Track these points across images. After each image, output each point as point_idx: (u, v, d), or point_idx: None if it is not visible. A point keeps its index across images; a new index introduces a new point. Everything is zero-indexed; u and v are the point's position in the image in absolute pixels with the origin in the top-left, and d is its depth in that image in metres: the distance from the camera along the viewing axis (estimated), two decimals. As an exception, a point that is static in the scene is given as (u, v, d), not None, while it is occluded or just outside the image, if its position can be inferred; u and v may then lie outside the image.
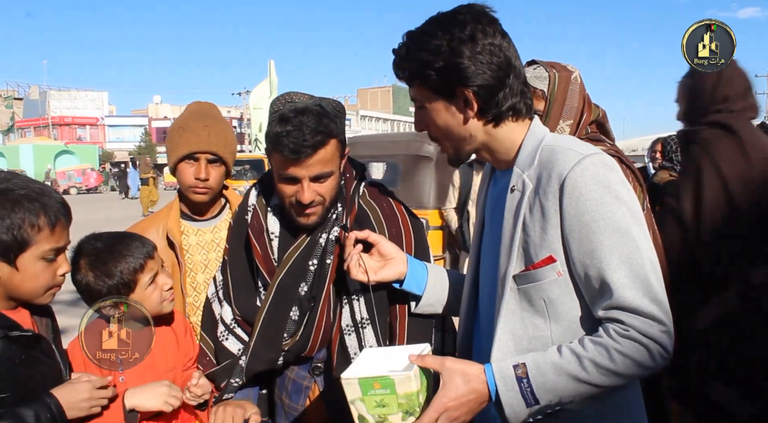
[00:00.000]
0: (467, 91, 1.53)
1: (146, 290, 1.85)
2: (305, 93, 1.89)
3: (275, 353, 1.91)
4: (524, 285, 1.50)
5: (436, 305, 1.87)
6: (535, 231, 1.49)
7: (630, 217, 1.44)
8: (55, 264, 1.69)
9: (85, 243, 1.88)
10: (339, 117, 1.86)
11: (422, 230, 2.00)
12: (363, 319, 1.87)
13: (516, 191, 1.54)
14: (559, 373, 1.42)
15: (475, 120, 1.57)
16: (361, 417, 1.48)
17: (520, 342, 1.52)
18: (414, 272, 1.84)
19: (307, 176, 1.80)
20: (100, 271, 1.82)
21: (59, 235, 1.67)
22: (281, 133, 1.76)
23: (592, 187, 1.43)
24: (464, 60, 1.50)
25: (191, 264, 2.32)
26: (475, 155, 1.66)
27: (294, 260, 1.90)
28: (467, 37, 1.51)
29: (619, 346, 1.40)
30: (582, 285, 1.47)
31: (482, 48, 1.51)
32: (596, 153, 1.48)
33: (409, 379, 1.43)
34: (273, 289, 1.89)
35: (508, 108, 1.56)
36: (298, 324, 1.90)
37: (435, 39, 1.52)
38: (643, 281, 1.41)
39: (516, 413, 1.44)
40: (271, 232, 1.96)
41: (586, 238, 1.43)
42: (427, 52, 1.52)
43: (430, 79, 1.54)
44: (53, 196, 1.68)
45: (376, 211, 1.95)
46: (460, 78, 1.52)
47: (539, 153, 1.53)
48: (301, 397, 1.99)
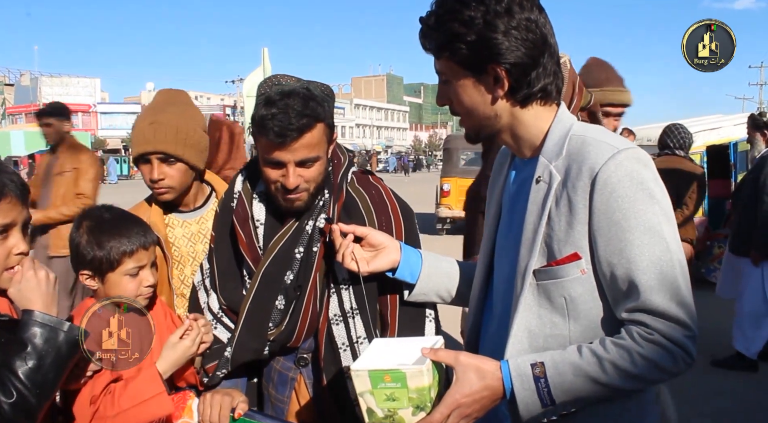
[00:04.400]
0: (499, 69, 1.43)
1: (124, 277, 1.83)
2: (293, 76, 1.84)
3: (260, 343, 1.89)
4: (544, 281, 1.44)
5: (430, 294, 1.83)
6: (561, 226, 1.42)
7: (662, 217, 1.38)
8: (7, 243, 1.57)
9: (96, 209, 1.92)
10: (327, 101, 1.81)
11: (412, 217, 1.97)
12: (352, 308, 1.84)
13: (542, 182, 1.45)
14: (578, 375, 1.37)
15: (503, 100, 1.47)
16: (369, 410, 1.43)
17: (535, 339, 1.46)
18: (407, 260, 1.79)
19: (293, 161, 1.76)
20: (94, 238, 1.82)
21: (6, 212, 1.54)
22: (266, 116, 1.72)
23: (625, 184, 1.36)
24: (498, 35, 1.40)
25: (179, 256, 2.28)
26: (497, 138, 1.57)
27: (280, 248, 1.86)
28: (503, 10, 1.40)
29: (641, 350, 1.36)
30: (606, 284, 1.41)
31: (518, 23, 1.40)
32: (631, 147, 1.41)
33: (421, 373, 1.38)
34: (258, 278, 1.86)
35: (540, 89, 1.46)
36: (283, 313, 1.87)
37: (468, 9, 1.40)
38: (672, 284, 1.36)
39: (530, 413, 1.40)
40: (256, 220, 1.92)
41: (616, 237, 1.37)
42: (460, 24, 1.41)
43: (460, 52, 1.43)
44: (3, 171, 1.56)
45: (365, 199, 1.91)
46: (492, 54, 1.41)
47: (568, 143, 1.45)
48: (287, 389, 1.96)
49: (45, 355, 1.47)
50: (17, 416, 1.43)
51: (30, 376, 1.44)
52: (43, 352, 1.47)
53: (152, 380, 1.74)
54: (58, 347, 1.49)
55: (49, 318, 1.50)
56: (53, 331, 1.49)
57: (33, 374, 1.45)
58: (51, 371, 1.48)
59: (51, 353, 1.48)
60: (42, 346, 1.47)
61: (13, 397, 1.43)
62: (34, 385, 1.45)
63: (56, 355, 1.49)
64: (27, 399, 1.44)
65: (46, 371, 1.47)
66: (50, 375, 1.48)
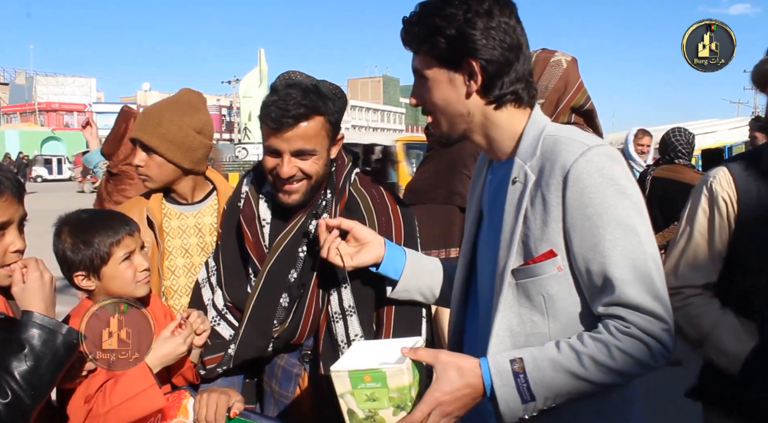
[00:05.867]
0: (474, 63, 1.48)
1: (119, 265, 1.84)
2: (305, 73, 1.91)
3: (265, 340, 1.91)
4: (523, 280, 1.46)
5: (412, 291, 1.83)
6: (536, 224, 1.44)
7: (634, 212, 1.40)
8: (4, 241, 1.61)
9: (72, 213, 1.92)
10: (334, 100, 1.86)
11: (412, 219, 1.99)
12: (350, 306, 1.87)
13: (518, 183, 1.49)
14: (557, 369, 1.38)
15: (477, 97, 1.51)
16: (350, 411, 1.42)
17: (517, 338, 1.48)
18: (391, 256, 1.80)
19: (288, 150, 1.80)
20: (78, 239, 1.83)
21: (2, 210, 1.58)
22: (267, 102, 1.79)
23: (596, 180, 1.38)
24: (477, 32, 1.46)
25: (170, 247, 2.31)
26: (469, 139, 1.60)
27: (284, 247, 1.89)
28: (484, 11, 1.47)
29: (619, 343, 1.37)
30: (582, 280, 1.43)
31: (497, 24, 1.47)
32: (601, 144, 1.44)
33: (401, 371, 1.38)
34: (263, 276, 1.89)
35: (512, 92, 1.51)
36: (287, 311, 1.89)
37: (451, 7, 1.47)
38: (646, 278, 1.38)
39: (511, 409, 1.40)
40: (262, 219, 1.95)
41: (589, 232, 1.39)
42: (441, 18, 1.48)
43: (438, 45, 1.49)
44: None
45: (366, 199, 1.94)
46: (469, 49, 1.47)
47: (541, 143, 1.48)
48: (291, 385, 1.98)
49: (42, 357, 1.48)
50: (11, 416, 1.43)
51: (26, 377, 1.45)
52: (41, 353, 1.48)
53: (141, 374, 1.74)
54: (55, 349, 1.50)
55: (48, 320, 1.52)
56: (52, 333, 1.50)
57: (29, 375, 1.46)
58: (47, 373, 1.49)
59: (48, 355, 1.49)
60: (40, 348, 1.48)
61: (8, 398, 1.43)
62: (30, 387, 1.46)
63: (53, 357, 1.50)
64: (22, 399, 1.44)
65: (42, 373, 1.48)
66: (46, 377, 1.49)
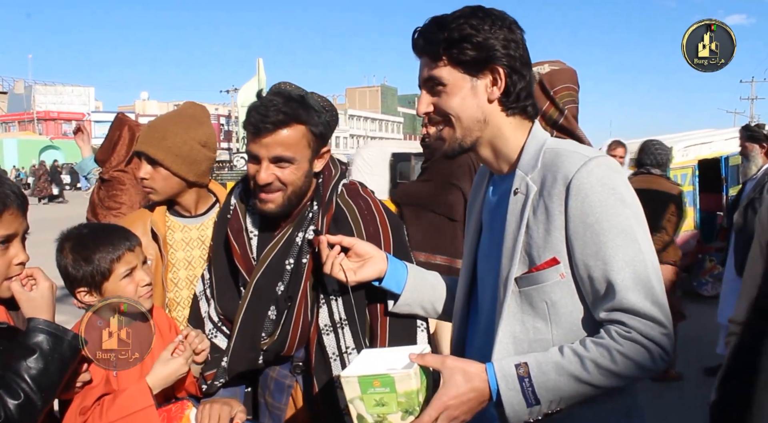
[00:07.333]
0: (500, 68, 1.54)
1: (121, 281, 1.85)
2: (296, 85, 1.92)
3: (254, 352, 1.91)
4: (526, 287, 1.50)
5: (414, 305, 1.86)
6: (539, 233, 1.48)
7: (633, 220, 1.45)
8: (8, 253, 1.65)
9: (74, 229, 1.92)
10: (320, 112, 1.86)
11: (401, 228, 1.99)
12: (341, 319, 1.87)
13: (519, 194, 1.53)
14: (561, 373, 1.42)
15: (496, 104, 1.57)
16: (359, 416, 1.46)
17: (521, 345, 1.51)
18: (394, 270, 1.82)
19: (266, 156, 1.81)
20: (80, 255, 1.84)
21: (8, 223, 1.62)
22: (250, 108, 1.82)
23: (597, 189, 1.44)
24: (499, 42, 1.53)
25: (174, 260, 2.31)
26: (476, 152, 1.63)
27: (271, 259, 1.90)
28: (506, 25, 1.55)
29: (620, 348, 1.41)
30: (584, 287, 1.47)
31: (516, 38, 1.55)
32: (601, 156, 1.50)
33: (409, 376, 1.42)
34: (250, 289, 1.90)
35: (522, 106, 1.58)
36: (275, 323, 1.90)
37: (475, 19, 1.54)
38: (646, 284, 1.42)
39: (516, 413, 1.43)
40: (250, 231, 1.96)
41: (591, 240, 1.44)
42: (469, 26, 1.53)
43: (465, 52, 1.53)
44: (4, 183, 1.63)
45: (353, 210, 1.94)
46: (495, 56, 1.53)
47: (542, 156, 1.54)
48: (284, 396, 1.98)
49: (51, 361, 1.57)
50: (22, 417, 1.51)
51: (36, 380, 1.55)
52: (49, 357, 1.57)
53: (141, 393, 1.76)
54: (62, 353, 1.60)
55: (55, 326, 1.61)
56: (59, 338, 1.60)
57: (39, 378, 1.55)
58: (55, 375, 1.59)
59: (56, 359, 1.58)
60: (48, 352, 1.57)
61: (20, 399, 1.52)
62: (40, 388, 1.55)
63: (60, 360, 1.59)
64: (33, 401, 1.54)
65: (51, 375, 1.58)
66: (54, 378, 1.59)
